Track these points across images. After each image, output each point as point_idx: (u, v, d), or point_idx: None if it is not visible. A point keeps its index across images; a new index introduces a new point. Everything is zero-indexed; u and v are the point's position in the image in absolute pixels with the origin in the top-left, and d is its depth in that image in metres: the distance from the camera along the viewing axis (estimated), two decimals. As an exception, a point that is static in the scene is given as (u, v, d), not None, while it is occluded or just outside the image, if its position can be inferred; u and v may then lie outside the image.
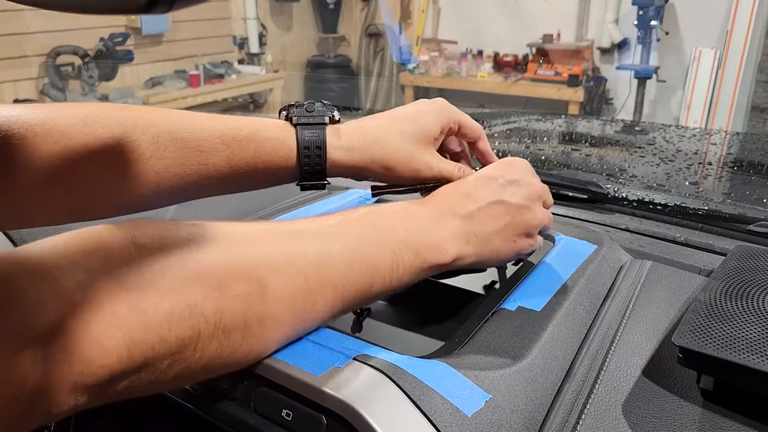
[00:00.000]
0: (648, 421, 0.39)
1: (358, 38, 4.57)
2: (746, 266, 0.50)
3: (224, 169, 0.49)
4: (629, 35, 3.62)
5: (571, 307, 0.49)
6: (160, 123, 0.47)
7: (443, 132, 0.54)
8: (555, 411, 0.41)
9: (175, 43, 3.66)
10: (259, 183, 0.52)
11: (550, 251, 0.58)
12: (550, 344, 0.45)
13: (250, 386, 0.40)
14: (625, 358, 0.45)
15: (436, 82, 4.03)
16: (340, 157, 0.51)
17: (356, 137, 0.51)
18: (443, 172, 0.52)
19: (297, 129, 0.50)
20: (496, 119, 1.21)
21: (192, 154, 0.48)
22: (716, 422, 0.39)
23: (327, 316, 0.41)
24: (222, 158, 0.49)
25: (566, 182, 0.76)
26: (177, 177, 0.48)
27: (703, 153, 1.03)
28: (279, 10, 4.34)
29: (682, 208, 0.71)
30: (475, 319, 0.47)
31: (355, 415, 0.35)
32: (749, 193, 0.84)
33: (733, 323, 0.42)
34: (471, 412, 0.37)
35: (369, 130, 0.52)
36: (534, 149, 1.04)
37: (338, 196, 0.74)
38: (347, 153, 0.51)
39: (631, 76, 3.59)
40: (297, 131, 0.50)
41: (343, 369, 0.38)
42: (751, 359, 0.38)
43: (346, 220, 0.44)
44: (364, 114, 1.72)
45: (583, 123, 1.34)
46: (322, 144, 0.50)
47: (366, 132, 0.52)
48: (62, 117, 0.45)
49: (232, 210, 0.70)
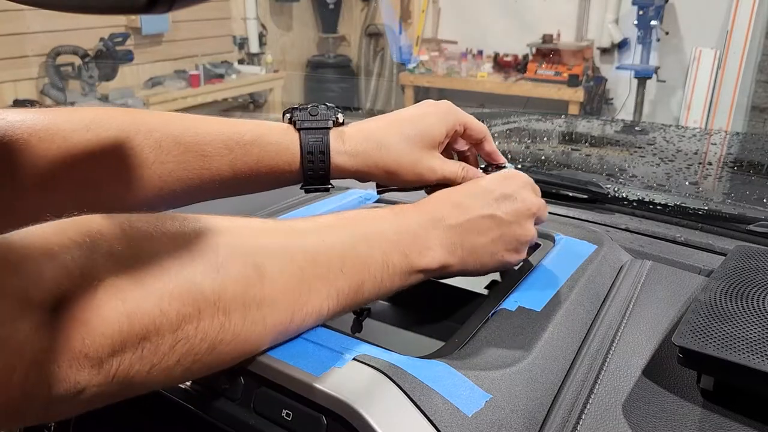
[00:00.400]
0: (648, 421, 0.39)
1: (358, 38, 4.57)
2: (746, 266, 0.50)
3: (227, 174, 0.49)
4: (629, 35, 3.62)
5: (571, 307, 0.49)
6: (163, 127, 0.48)
7: (448, 135, 0.54)
8: (555, 411, 0.41)
9: (175, 43, 3.66)
10: (262, 186, 0.52)
11: (550, 251, 0.58)
12: (550, 344, 0.45)
13: (250, 386, 0.40)
14: (625, 358, 0.45)
15: (436, 82, 4.03)
16: (344, 161, 0.51)
17: (360, 142, 0.51)
18: (447, 174, 0.53)
19: (301, 133, 0.50)
20: (496, 119, 1.21)
21: (195, 159, 0.48)
22: (716, 422, 0.39)
23: (323, 311, 0.41)
24: (225, 162, 0.49)
25: (566, 182, 0.76)
26: (180, 181, 0.49)
27: (703, 153, 1.03)
28: (279, 10, 4.34)
29: (682, 208, 0.71)
30: (475, 319, 0.47)
31: (355, 415, 0.35)
32: (749, 193, 0.84)
33: (733, 323, 0.42)
34: (471, 412, 0.37)
35: (373, 134, 0.52)
36: (534, 149, 1.04)
37: (338, 196, 0.74)
38: (351, 158, 0.51)
39: (631, 76, 3.59)
40: (301, 136, 0.50)
41: (343, 369, 0.38)
42: (751, 359, 0.38)
43: (339, 220, 0.44)
44: (364, 114, 1.73)
45: (583, 123, 1.34)
46: (325, 149, 0.50)
47: (370, 136, 0.52)
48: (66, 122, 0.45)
49: (232, 210, 0.70)
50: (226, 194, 0.52)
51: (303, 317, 0.40)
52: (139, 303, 0.32)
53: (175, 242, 0.35)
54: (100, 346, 0.30)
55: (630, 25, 3.48)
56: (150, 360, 0.33)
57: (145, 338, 0.32)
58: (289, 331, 0.40)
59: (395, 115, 0.54)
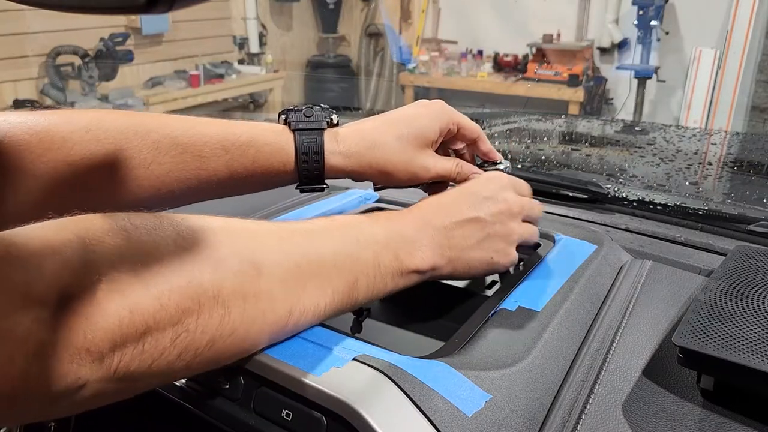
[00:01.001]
0: (648, 421, 0.39)
1: (358, 38, 4.57)
2: (746, 266, 0.50)
3: (223, 174, 0.50)
4: (629, 35, 3.62)
5: (571, 307, 0.49)
6: (160, 128, 0.49)
7: (441, 134, 0.55)
8: (555, 411, 0.41)
9: (175, 43, 3.66)
10: (258, 187, 0.53)
11: (550, 251, 0.58)
12: (550, 344, 0.45)
13: (250, 386, 0.40)
14: (625, 358, 0.45)
15: (436, 82, 4.03)
16: (338, 162, 0.52)
17: (354, 142, 0.52)
18: (441, 172, 0.54)
19: (295, 134, 0.51)
20: (496, 119, 1.21)
21: (192, 159, 0.49)
22: (716, 422, 0.39)
23: (320, 308, 0.41)
24: (221, 163, 0.50)
25: (566, 182, 0.76)
26: (177, 181, 0.49)
27: (703, 153, 1.03)
28: (279, 10, 4.34)
29: (682, 208, 0.71)
30: (475, 319, 0.47)
31: (355, 416, 0.35)
32: (749, 193, 0.84)
33: (733, 323, 0.42)
34: (471, 412, 0.37)
35: (367, 134, 0.53)
36: (534, 149, 1.04)
37: (338, 196, 0.74)
38: (345, 158, 0.52)
39: (631, 76, 3.59)
40: (295, 137, 0.51)
41: (343, 369, 0.38)
42: (751, 359, 0.38)
43: (331, 222, 0.45)
44: (364, 114, 1.73)
45: (583, 123, 1.34)
46: (319, 149, 0.51)
47: (364, 137, 0.53)
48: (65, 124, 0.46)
49: (232, 210, 0.70)
50: (223, 194, 0.53)
51: (300, 313, 0.40)
52: (140, 297, 0.32)
53: (175, 240, 0.35)
54: (101, 340, 0.31)
55: (630, 25, 3.48)
56: (151, 354, 0.33)
57: (146, 332, 0.32)
58: (287, 328, 0.40)
59: (389, 115, 0.55)
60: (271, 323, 0.39)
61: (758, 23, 3.13)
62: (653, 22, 3.33)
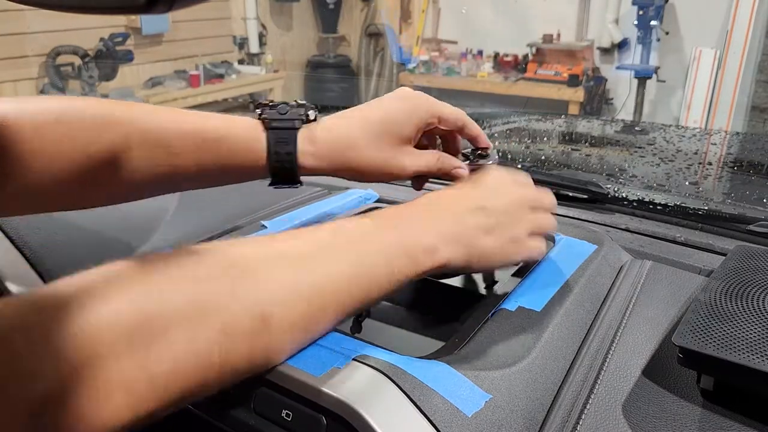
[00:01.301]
0: (648, 421, 0.39)
1: (358, 38, 4.57)
2: (746, 266, 0.50)
3: (194, 169, 0.50)
4: (629, 35, 3.61)
5: (571, 307, 0.49)
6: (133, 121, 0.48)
7: (420, 130, 0.53)
8: (555, 411, 0.41)
9: (175, 43, 3.66)
10: (230, 181, 0.53)
11: (550, 251, 0.58)
12: (550, 344, 0.45)
13: (250, 386, 0.40)
14: (625, 358, 0.45)
15: (436, 82, 4.03)
16: (311, 163, 0.51)
17: (328, 144, 0.51)
18: (419, 170, 0.53)
19: (268, 133, 0.51)
20: (496, 119, 1.21)
21: (162, 155, 0.49)
22: (716, 422, 0.39)
23: (329, 328, 0.41)
24: (192, 159, 0.50)
25: (566, 182, 0.76)
26: (148, 174, 0.49)
27: (703, 153, 1.03)
28: (279, 10, 4.34)
29: (682, 208, 0.71)
30: (475, 319, 0.47)
31: (355, 416, 0.35)
32: (749, 193, 0.84)
33: (733, 323, 0.42)
34: (471, 412, 0.37)
35: (342, 135, 0.52)
36: (534, 149, 1.04)
37: (338, 196, 0.74)
38: (318, 160, 0.51)
39: (631, 76, 3.59)
40: (268, 135, 0.51)
41: (343, 369, 0.38)
42: (751, 359, 0.38)
43: (340, 234, 0.43)
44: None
45: (583, 123, 1.34)
46: (292, 150, 0.50)
47: (339, 138, 0.52)
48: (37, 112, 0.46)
49: (233, 209, 0.70)
50: (196, 187, 0.53)
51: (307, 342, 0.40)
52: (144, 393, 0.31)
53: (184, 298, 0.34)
54: None
55: (630, 25, 3.48)
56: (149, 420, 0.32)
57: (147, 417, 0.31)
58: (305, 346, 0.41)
59: (366, 111, 0.53)
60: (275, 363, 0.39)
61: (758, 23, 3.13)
62: (653, 22, 3.33)
